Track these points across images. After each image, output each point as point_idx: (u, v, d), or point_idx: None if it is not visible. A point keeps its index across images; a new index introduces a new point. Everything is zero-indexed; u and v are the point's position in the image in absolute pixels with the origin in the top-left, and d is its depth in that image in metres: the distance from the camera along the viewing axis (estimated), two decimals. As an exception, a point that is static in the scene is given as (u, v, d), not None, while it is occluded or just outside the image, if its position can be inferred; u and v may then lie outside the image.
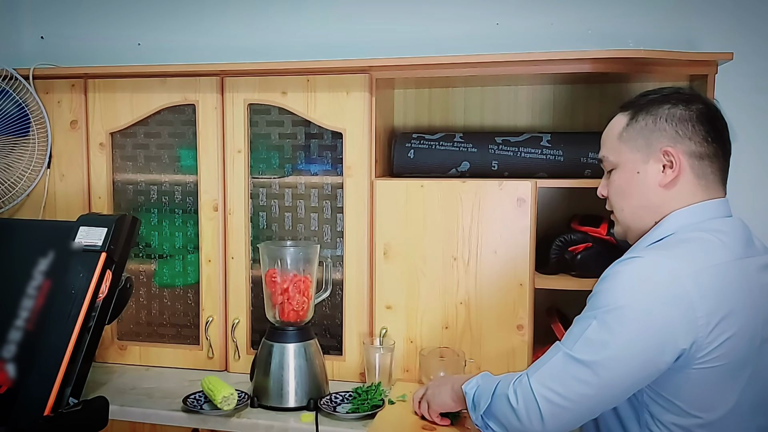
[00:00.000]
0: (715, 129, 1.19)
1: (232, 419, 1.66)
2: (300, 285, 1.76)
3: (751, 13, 1.91)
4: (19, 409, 1.43)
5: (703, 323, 1.06)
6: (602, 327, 1.09)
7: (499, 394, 1.20)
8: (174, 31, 2.29)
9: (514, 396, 1.16)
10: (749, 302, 1.11)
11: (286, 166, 1.98)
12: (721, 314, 1.08)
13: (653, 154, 1.20)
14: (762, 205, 1.94)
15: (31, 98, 2.03)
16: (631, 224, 1.25)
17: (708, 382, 1.10)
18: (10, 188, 2.04)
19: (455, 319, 1.81)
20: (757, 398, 1.14)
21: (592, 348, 1.09)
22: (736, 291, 1.10)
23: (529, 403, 1.13)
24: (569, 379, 1.11)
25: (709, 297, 1.07)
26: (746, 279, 1.13)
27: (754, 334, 1.11)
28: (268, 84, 1.90)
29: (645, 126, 1.21)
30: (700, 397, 1.11)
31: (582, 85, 1.99)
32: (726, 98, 1.91)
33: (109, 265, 1.54)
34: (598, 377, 1.09)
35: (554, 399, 1.11)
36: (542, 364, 1.16)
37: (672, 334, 1.07)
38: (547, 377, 1.13)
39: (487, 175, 1.86)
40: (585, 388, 1.10)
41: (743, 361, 1.10)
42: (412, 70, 1.80)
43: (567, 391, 1.11)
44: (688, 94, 1.23)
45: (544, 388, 1.13)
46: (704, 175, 1.19)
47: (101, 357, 2.05)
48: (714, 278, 1.09)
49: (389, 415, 1.62)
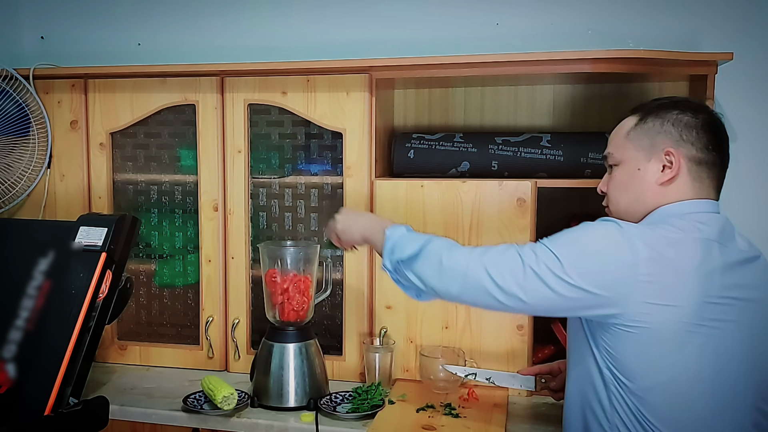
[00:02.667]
0: (717, 139, 1.26)
1: (232, 419, 1.66)
2: (300, 285, 1.76)
3: (751, 13, 1.91)
4: (20, 409, 1.43)
5: (644, 282, 1.13)
6: (549, 251, 1.18)
7: (432, 252, 1.29)
8: (174, 31, 2.29)
9: (448, 260, 1.26)
10: (701, 274, 1.15)
11: (286, 166, 1.98)
12: (666, 278, 1.13)
13: (656, 154, 1.26)
14: (762, 204, 1.94)
15: (31, 98, 2.03)
16: (624, 217, 1.31)
17: (648, 344, 1.15)
18: (10, 188, 2.04)
19: (455, 319, 1.81)
20: (713, 374, 1.15)
21: (535, 257, 1.18)
22: (689, 260, 1.15)
23: (465, 269, 1.23)
24: (507, 270, 1.19)
25: (658, 260, 1.14)
26: (705, 254, 1.16)
27: (702, 304, 1.14)
28: (268, 84, 1.90)
29: (652, 127, 1.28)
30: (641, 359, 1.16)
31: (582, 85, 1.99)
32: (726, 98, 1.92)
33: (109, 265, 1.55)
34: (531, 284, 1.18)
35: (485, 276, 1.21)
36: (485, 250, 1.25)
37: (611, 288, 1.14)
38: (491, 260, 1.22)
39: (487, 175, 1.86)
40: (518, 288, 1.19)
41: (687, 330, 1.14)
42: (412, 70, 1.80)
43: (501, 277, 1.20)
44: (696, 104, 1.30)
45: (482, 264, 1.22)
46: (699, 179, 1.25)
47: (101, 357, 2.05)
48: (669, 247, 1.15)
49: (389, 415, 1.63)
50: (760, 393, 1.20)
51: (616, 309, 1.15)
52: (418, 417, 1.61)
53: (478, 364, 1.78)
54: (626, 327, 1.15)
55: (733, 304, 1.16)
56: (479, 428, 1.56)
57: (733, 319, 1.16)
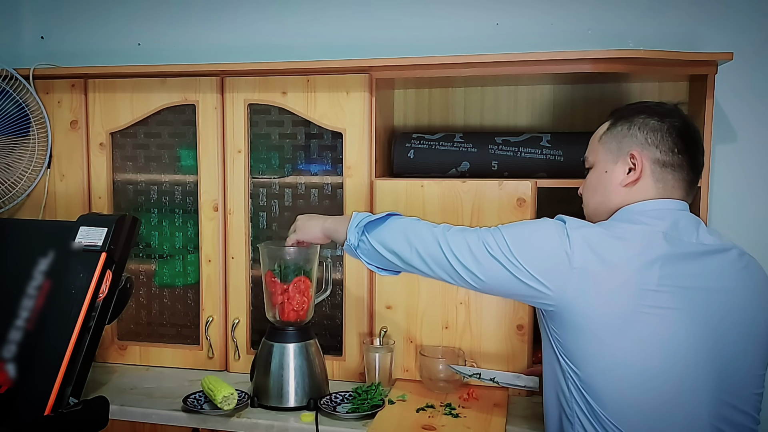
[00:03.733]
0: (684, 143, 1.29)
1: (232, 419, 1.66)
2: (300, 285, 1.76)
3: (751, 13, 1.91)
4: (20, 408, 1.43)
5: (578, 269, 1.18)
6: (501, 235, 1.26)
7: (399, 225, 1.38)
8: (174, 31, 2.29)
9: (417, 231, 1.34)
10: (640, 263, 1.17)
11: (286, 166, 1.98)
12: (600, 266, 1.17)
13: (622, 157, 1.32)
14: (762, 204, 1.94)
15: (31, 98, 2.03)
16: (593, 217, 1.37)
17: (586, 332, 1.19)
18: (10, 188, 2.05)
19: (455, 319, 1.81)
20: (660, 363, 1.17)
21: (492, 240, 1.26)
22: (625, 249, 1.18)
23: (430, 240, 1.32)
24: (465, 245, 1.28)
25: (594, 251, 1.18)
26: (646, 247, 1.19)
27: (640, 293, 1.16)
28: (268, 84, 1.90)
29: (620, 131, 1.33)
30: (581, 346, 1.20)
31: (582, 85, 1.99)
32: (726, 98, 1.92)
33: (109, 265, 1.55)
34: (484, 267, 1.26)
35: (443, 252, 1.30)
36: (447, 228, 1.33)
37: (547, 268, 1.20)
38: (452, 234, 1.31)
39: (487, 175, 1.86)
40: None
41: (622, 319, 1.16)
42: (412, 70, 1.80)
43: (459, 251, 1.28)
44: (667, 108, 1.33)
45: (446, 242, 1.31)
46: (663, 180, 1.28)
47: (101, 357, 2.05)
48: (609, 241, 1.20)
49: (389, 415, 1.63)
50: (723, 385, 1.19)
51: (554, 299, 1.19)
52: (418, 417, 1.61)
53: (478, 365, 1.78)
54: (566, 316, 1.19)
55: (676, 292, 1.17)
56: (479, 428, 1.56)
57: (675, 307, 1.17)
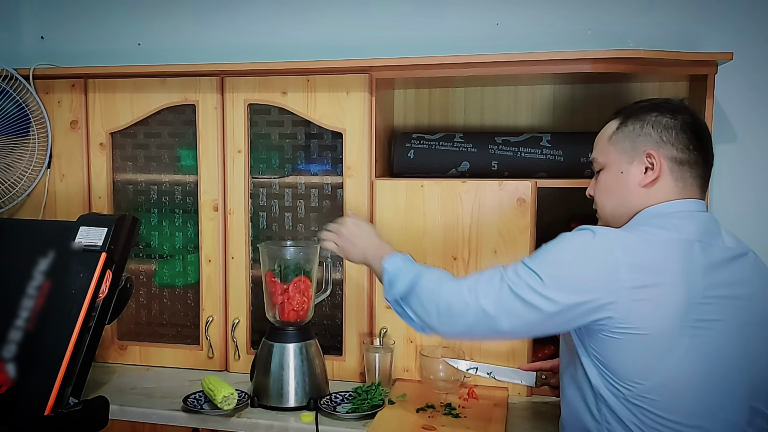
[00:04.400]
0: (698, 139, 1.27)
1: (232, 419, 1.66)
2: (300, 285, 1.76)
3: (751, 13, 1.91)
4: (20, 408, 1.43)
5: (627, 287, 1.13)
6: (530, 272, 1.19)
7: (423, 290, 1.30)
8: (174, 31, 2.29)
9: (438, 297, 1.26)
10: (684, 277, 1.15)
11: (286, 166, 1.98)
12: (647, 281, 1.13)
13: (637, 156, 1.28)
14: (762, 204, 1.94)
15: (31, 98, 2.03)
16: (611, 220, 1.33)
17: (635, 349, 1.15)
18: (10, 188, 2.04)
19: (455, 319, 1.80)
20: (703, 375, 1.15)
21: (519, 281, 1.19)
22: (669, 264, 1.16)
23: (461, 307, 1.23)
24: (495, 300, 1.20)
25: (639, 265, 1.14)
26: (686, 255, 1.17)
27: (687, 307, 1.14)
28: (268, 84, 1.90)
29: (633, 130, 1.29)
30: (630, 363, 1.16)
31: (582, 85, 1.99)
32: (726, 98, 1.92)
33: (109, 265, 1.55)
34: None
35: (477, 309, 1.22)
36: (477, 279, 1.25)
37: (593, 288, 1.14)
38: (482, 293, 1.22)
39: (487, 175, 1.86)
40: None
41: (673, 333, 1.14)
42: (412, 70, 1.80)
43: (494, 308, 1.20)
44: (676, 105, 1.30)
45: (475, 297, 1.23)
46: (682, 179, 1.26)
47: (101, 357, 2.05)
48: (648, 249, 1.16)
49: (389, 415, 1.63)
50: (753, 391, 1.19)
51: (606, 312, 1.14)
52: (418, 417, 1.61)
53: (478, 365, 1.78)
54: (616, 331, 1.14)
55: (719, 303, 1.16)
56: (479, 428, 1.56)
57: (719, 319, 1.16)
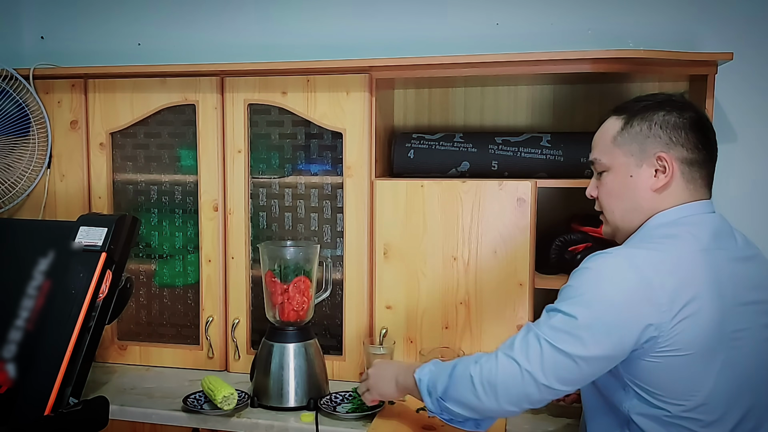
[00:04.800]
0: (705, 137, 1.24)
1: (232, 419, 1.66)
2: (300, 285, 1.76)
3: (751, 13, 1.91)
4: (20, 408, 1.43)
5: (666, 308, 1.10)
6: (568, 318, 1.13)
7: (460, 374, 1.24)
8: (174, 31, 2.29)
9: (477, 371, 1.20)
10: (714, 290, 1.13)
11: (286, 166, 1.98)
12: (684, 299, 1.11)
13: (647, 159, 1.23)
14: (762, 204, 1.94)
15: (31, 98, 2.03)
16: (621, 225, 1.29)
17: (678, 370, 1.12)
18: (10, 188, 2.04)
19: (455, 319, 1.81)
20: (734, 386, 1.15)
21: (556, 334, 1.13)
22: (699, 278, 1.13)
23: (489, 375, 1.18)
24: (539, 363, 1.14)
25: (671, 283, 1.11)
26: (712, 268, 1.15)
27: (722, 320, 1.13)
28: (268, 84, 1.90)
29: (640, 131, 1.24)
30: (674, 384, 1.13)
31: (582, 85, 1.99)
32: (726, 98, 1.92)
33: (109, 265, 1.55)
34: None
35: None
36: (512, 343, 1.19)
37: (635, 318, 1.10)
38: (517, 354, 1.16)
39: (487, 175, 1.86)
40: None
41: (712, 348, 1.12)
42: (412, 70, 1.80)
43: (540, 371, 1.14)
44: (680, 102, 1.26)
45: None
46: (693, 180, 1.23)
47: (101, 357, 2.05)
48: (676, 266, 1.13)
49: (389, 415, 1.63)
50: None
51: (647, 338, 1.11)
52: (418, 417, 1.61)
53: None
54: (656, 355, 1.11)
55: (745, 310, 1.16)
56: (479, 428, 1.56)
57: (748, 327, 1.16)
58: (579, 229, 1.83)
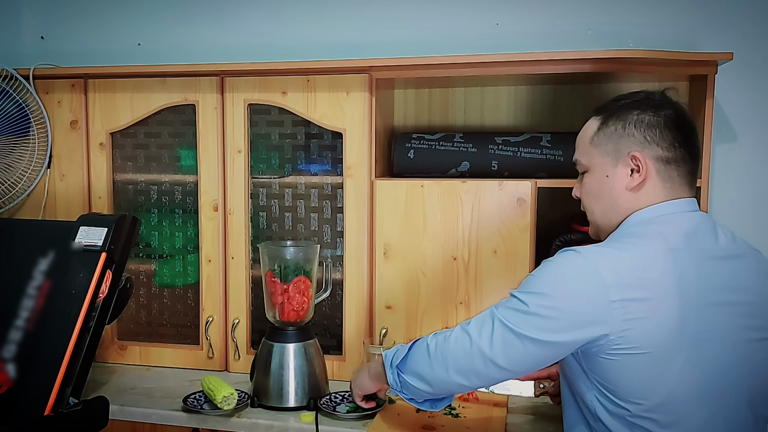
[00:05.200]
0: (683, 134, 1.22)
1: (232, 419, 1.66)
2: (300, 285, 1.76)
3: (751, 13, 1.91)
4: (20, 408, 1.43)
5: (618, 307, 1.10)
6: (522, 305, 1.18)
7: (418, 345, 1.33)
8: (174, 31, 2.29)
9: (433, 341, 1.28)
10: (676, 288, 1.13)
11: (286, 166, 1.98)
12: (638, 298, 1.11)
13: (622, 159, 1.23)
14: (762, 204, 1.94)
15: (31, 98, 2.03)
16: (601, 225, 1.30)
17: (635, 368, 1.12)
18: (10, 188, 2.04)
19: (455, 319, 1.81)
20: (700, 386, 1.13)
21: (509, 314, 1.19)
22: (659, 277, 1.13)
23: (442, 344, 1.26)
24: (489, 337, 1.20)
25: (626, 282, 1.12)
26: (676, 268, 1.14)
27: (683, 320, 1.12)
28: (268, 84, 1.90)
29: (614, 131, 1.25)
30: (632, 383, 1.13)
31: (582, 85, 1.99)
32: (726, 98, 1.92)
33: (109, 265, 1.55)
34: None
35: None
36: (470, 320, 1.26)
37: (586, 313, 1.12)
38: (471, 328, 1.23)
39: (487, 175, 1.86)
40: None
41: (671, 348, 1.12)
42: (412, 70, 1.80)
43: (489, 346, 1.20)
44: (658, 100, 1.25)
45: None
46: (670, 178, 1.22)
47: (101, 357, 2.05)
48: (635, 265, 1.14)
49: (389, 415, 1.63)
50: (755, 400, 1.17)
51: (600, 334, 1.12)
52: (418, 417, 1.61)
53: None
54: (612, 352, 1.12)
55: (714, 311, 1.14)
56: (479, 429, 1.56)
57: (715, 328, 1.14)
58: (579, 229, 1.83)
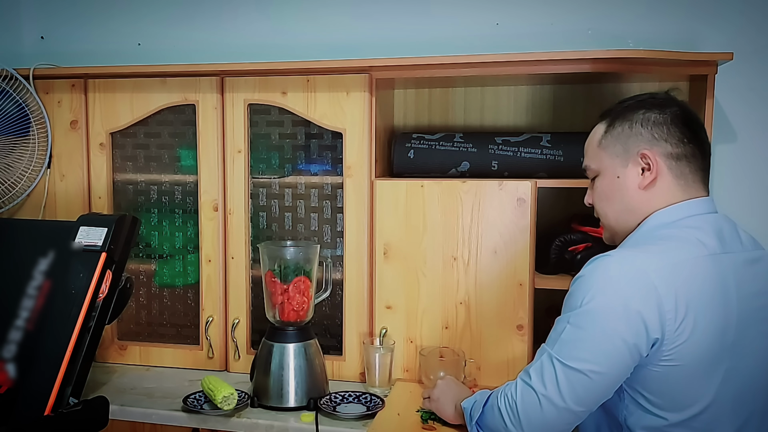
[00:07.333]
0: (690, 130, 1.22)
1: (232, 419, 1.66)
2: (300, 285, 1.76)
3: (751, 13, 1.91)
4: (20, 409, 1.43)
5: (671, 316, 1.08)
6: (575, 329, 1.13)
7: (491, 404, 1.26)
8: (174, 31, 2.29)
9: (503, 401, 1.20)
10: (720, 296, 1.12)
11: (286, 166, 1.98)
12: (688, 307, 1.09)
13: (631, 158, 1.23)
14: (762, 204, 1.94)
15: (31, 98, 2.03)
16: (616, 227, 1.28)
17: (680, 379, 1.11)
18: (10, 188, 2.04)
19: (455, 319, 1.81)
20: (736, 394, 1.14)
21: (566, 350, 1.13)
22: (705, 285, 1.11)
23: (512, 404, 1.18)
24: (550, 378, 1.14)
25: (676, 291, 1.09)
26: (718, 274, 1.13)
27: (725, 327, 1.11)
28: (268, 84, 1.90)
29: (622, 132, 1.24)
30: (675, 393, 1.12)
31: (582, 85, 1.99)
32: (726, 98, 1.92)
33: (109, 265, 1.55)
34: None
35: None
36: (529, 368, 1.19)
37: (642, 326, 1.09)
38: (533, 380, 1.16)
39: (487, 175, 1.86)
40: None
41: (715, 357, 1.11)
42: (412, 70, 1.80)
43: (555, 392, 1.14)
44: (662, 98, 1.25)
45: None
46: (682, 175, 1.21)
47: (101, 357, 2.05)
48: (681, 273, 1.11)
49: (389, 415, 1.63)
50: None
51: (659, 334, 1.09)
52: (418, 417, 1.61)
53: (479, 365, 1.78)
54: (659, 363, 1.10)
55: (748, 317, 1.14)
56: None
57: (751, 335, 1.14)
58: (579, 229, 1.83)
